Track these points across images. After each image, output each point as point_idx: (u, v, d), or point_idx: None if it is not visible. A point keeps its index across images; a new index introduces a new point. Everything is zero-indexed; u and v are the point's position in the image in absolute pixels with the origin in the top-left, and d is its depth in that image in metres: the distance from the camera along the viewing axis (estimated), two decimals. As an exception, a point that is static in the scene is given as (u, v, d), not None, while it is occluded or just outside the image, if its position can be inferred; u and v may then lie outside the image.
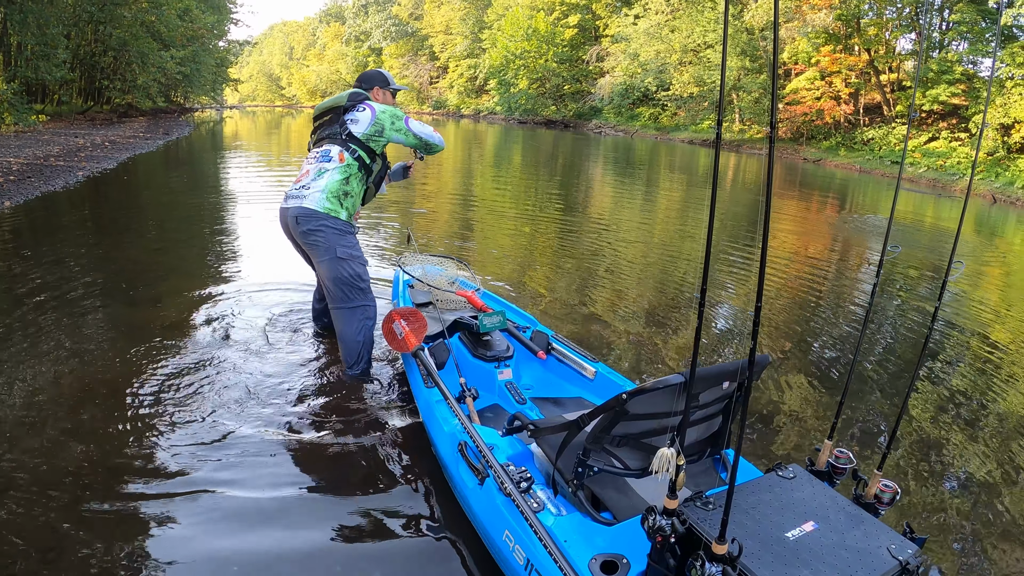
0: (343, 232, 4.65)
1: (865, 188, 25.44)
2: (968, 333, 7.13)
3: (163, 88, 38.25)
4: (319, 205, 4.56)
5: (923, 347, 2.82)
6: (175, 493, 3.40)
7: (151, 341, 5.31)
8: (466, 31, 71.61)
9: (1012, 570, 3.26)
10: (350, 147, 4.67)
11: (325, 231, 4.57)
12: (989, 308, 8.47)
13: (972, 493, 3.98)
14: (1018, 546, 3.48)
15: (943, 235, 14.79)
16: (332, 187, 4.60)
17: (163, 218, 10.75)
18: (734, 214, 15.51)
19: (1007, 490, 4.02)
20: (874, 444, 4.41)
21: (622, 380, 4.08)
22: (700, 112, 46.66)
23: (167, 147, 21.57)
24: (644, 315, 7.05)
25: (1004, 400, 5.40)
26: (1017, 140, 25.98)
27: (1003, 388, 5.68)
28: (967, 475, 4.19)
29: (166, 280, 7.09)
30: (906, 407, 2.79)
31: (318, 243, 4.61)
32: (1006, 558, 3.35)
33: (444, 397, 3.70)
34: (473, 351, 4.43)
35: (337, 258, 4.61)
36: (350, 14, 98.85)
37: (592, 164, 27.43)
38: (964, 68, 32.53)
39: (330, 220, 4.58)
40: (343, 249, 4.62)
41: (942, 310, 2.64)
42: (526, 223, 12.39)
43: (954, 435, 4.71)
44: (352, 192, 4.69)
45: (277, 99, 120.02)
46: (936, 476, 4.14)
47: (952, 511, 3.75)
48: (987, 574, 3.24)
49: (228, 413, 4.25)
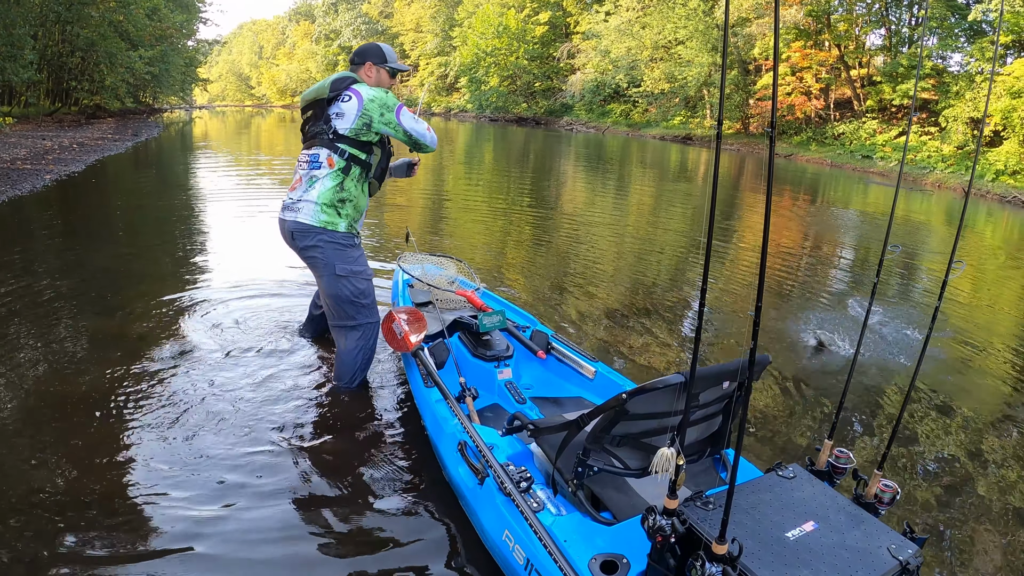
0: (343, 246, 4.34)
1: (836, 182, 25.75)
2: (967, 332, 7.16)
3: (132, 89, 37.68)
4: (314, 219, 4.25)
5: (923, 347, 2.82)
6: (158, 513, 3.28)
7: (124, 352, 5.08)
8: (436, 29, 71.52)
9: (1012, 570, 3.28)
10: (338, 148, 4.24)
11: (323, 247, 4.29)
12: (985, 306, 8.57)
13: (972, 493, 3.98)
14: (1019, 546, 3.49)
15: (917, 229, 15.03)
16: (325, 197, 4.26)
17: (133, 222, 10.55)
18: (706, 209, 15.54)
19: (1008, 490, 4.04)
20: (874, 444, 4.42)
21: (622, 380, 4.09)
22: (671, 108, 46.96)
23: (136, 149, 21.26)
24: (619, 305, 7.16)
25: (1004, 399, 5.44)
26: (987, 134, 26.30)
27: (1003, 387, 5.72)
28: (968, 475, 4.19)
29: (138, 287, 6.83)
30: (906, 407, 2.78)
31: (316, 260, 4.34)
32: (1006, 558, 3.37)
33: (444, 397, 3.70)
34: (473, 351, 4.42)
35: (336, 276, 4.33)
36: (320, 12, 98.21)
37: (564, 161, 27.46)
38: (934, 63, 32.94)
39: (327, 234, 4.28)
40: (342, 266, 4.33)
41: (942, 311, 2.63)
42: (499, 219, 12.46)
43: (955, 435, 4.73)
44: (349, 197, 4.32)
45: (247, 99, 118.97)
46: (936, 476, 4.15)
47: (952, 511, 3.76)
48: (987, 574, 3.25)
49: (214, 423, 4.13)
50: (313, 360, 5.15)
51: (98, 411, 4.20)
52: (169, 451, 3.79)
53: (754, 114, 41.09)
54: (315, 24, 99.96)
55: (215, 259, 8.12)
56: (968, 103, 27.65)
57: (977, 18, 27.83)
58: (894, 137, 32.39)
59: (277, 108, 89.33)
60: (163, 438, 3.92)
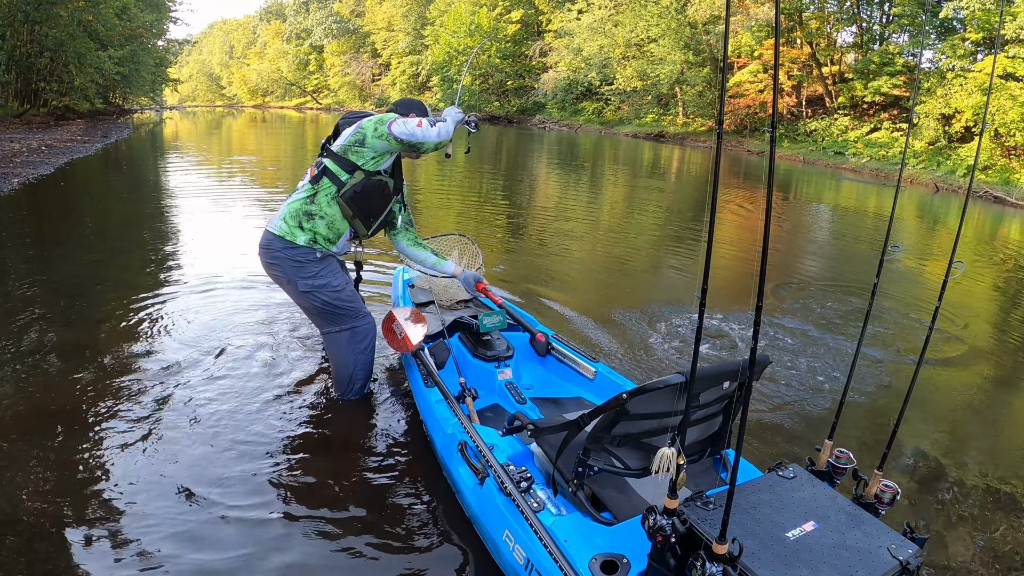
0: (299, 262, 4.16)
1: (809, 178, 26.05)
2: (967, 331, 7.20)
3: (101, 89, 37.15)
4: (276, 228, 4.17)
5: (924, 346, 2.84)
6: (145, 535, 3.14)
7: (94, 365, 4.86)
8: (408, 28, 71.27)
9: (1013, 570, 3.29)
10: (320, 162, 4.18)
11: (281, 263, 4.17)
12: (984, 304, 8.66)
13: (973, 493, 4.00)
14: (1020, 546, 3.51)
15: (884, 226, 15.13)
16: (294, 207, 4.16)
17: (102, 226, 10.23)
18: (678, 209, 15.76)
19: (1008, 489, 4.06)
20: (874, 444, 4.41)
21: (622, 380, 4.10)
22: (643, 106, 47.13)
23: (106, 150, 20.91)
24: (591, 295, 7.44)
25: (1004, 399, 5.49)
26: (958, 129, 26.65)
27: (1003, 387, 5.77)
28: (968, 475, 4.21)
29: (107, 294, 6.54)
30: (906, 407, 2.79)
31: (278, 277, 4.25)
32: (1007, 557, 3.39)
33: (444, 397, 3.70)
34: (473, 351, 4.43)
35: (299, 292, 4.22)
36: (291, 11, 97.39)
37: (537, 159, 27.56)
38: (905, 60, 33.34)
39: (285, 249, 4.14)
40: (304, 281, 4.18)
41: (941, 310, 2.64)
42: (471, 216, 12.46)
43: (955, 435, 4.76)
44: (318, 212, 4.14)
45: (218, 99, 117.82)
46: (937, 476, 4.17)
47: (953, 511, 3.77)
48: (987, 573, 3.26)
49: (200, 430, 4.07)
50: (301, 360, 5.12)
51: (69, 428, 3.99)
52: (148, 467, 3.67)
53: (726, 111, 41.30)
54: (286, 23, 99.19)
55: (187, 264, 7.91)
56: (939, 99, 27.97)
57: (948, 15, 28.15)
58: (866, 133, 32.79)
59: (248, 108, 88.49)
60: (142, 452, 3.80)
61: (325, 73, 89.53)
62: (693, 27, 41.74)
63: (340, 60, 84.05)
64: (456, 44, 57.96)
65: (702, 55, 42.26)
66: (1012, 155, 24.80)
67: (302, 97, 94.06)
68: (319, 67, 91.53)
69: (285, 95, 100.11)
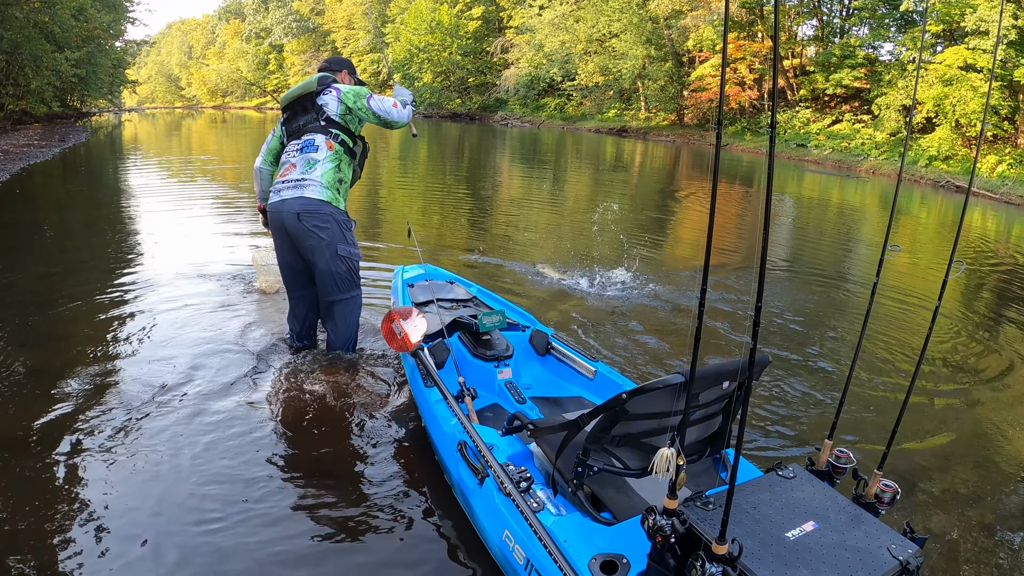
0: (345, 227, 4.74)
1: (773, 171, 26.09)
2: (965, 331, 7.23)
3: (58, 92, 36.34)
4: (322, 195, 4.61)
5: (924, 346, 2.86)
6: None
7: (56, 388, 4.48)
8: (368, 25, 71.09)
9: (1013, 569, 3.31)
10: (332, 132, 4.68)
11: (330, 227, 4.63)
12: (981, 302, 8.73)
13: (973, 492, 4.02)
14: (1020, 545, 3.53)
15: (848, 217, 15.37)
16: (327, 178, 4.65)
17: (60, 235, 9.71)
18: (643, 199, 15.95)
19: (1008, 489, 4.08)
20: (874, 444, 4.41)
21: (622, 380, 4.11)
22: (606, 101, 47.39)
23: (64, 155, 20.34)
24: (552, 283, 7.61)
25: (1005, 398, 5.50)
26: (919, 120, 27.02)
27: (1003, 386, 5.77)
28: (968, 474, 4.23)
29: (67, 309, 6.14)
30: (906, 406, 2.80)
31: (321, 239, 4.63)
32: (1007, 558, 3.40)
33: (443, 397, 3.69)
34: (473, 351, 4.43)
35: (337, 256, 4.69)
36: (250, 11, 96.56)
37: (500, 155, 27.66)
38: (866, 52, 33.81)
39: (336, 212, 4.66)
40: (344, 247, 4.71)
41: (941, 310, 2.65)
42: (434, 212, 12.50)
43: (955, 434, 4.76)
44: (345, 179, 4.77)
45: (177, 100, 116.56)
46: (937, 476, 4.17)
47: (953, 510, 3.78)
48: (987, 573, 3.28)
49: (188, 441, 3.95)
50: (285, 359, 5.09)
51: (33, 463, 3.66)
52: (128, 485, 3.50)
53: (688, 105, 41.65)
54: (245, 22, 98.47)
55: (150, 272, 7.49)
56: (900, 91, 28.38)
57: (909, 8, 28.53)
58: (828, 125, 33.25)
59: (208, 109, 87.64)
60: (125, 468, 3.63)
61: (285, 72, 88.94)
62: (655, 22, 42.01)
63: (300, 59, 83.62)
64: (417, 41, 57.77)
65: (664, 50, 42.53)
66: (973, 145, 25.19)
67: (262, 97, 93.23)
68: (279, 66, 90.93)
69: (245, 95, 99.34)
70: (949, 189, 23.07)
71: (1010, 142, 25.27)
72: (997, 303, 8.80)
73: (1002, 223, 16.89)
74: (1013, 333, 7.32)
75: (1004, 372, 6.11)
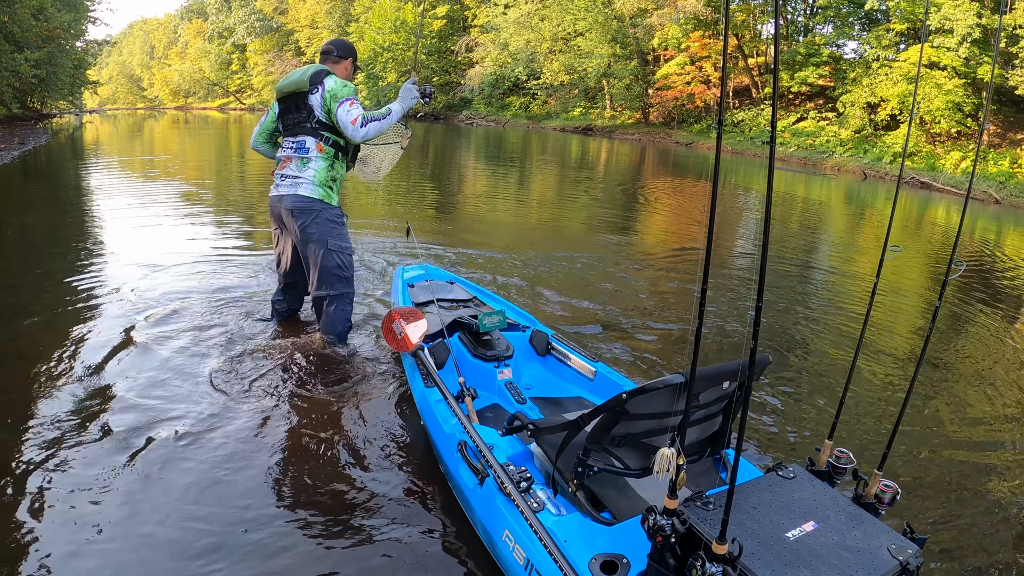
0: (336, 223, 4.94)
1: (738, 168, 26.60)
2: (965, 330, 7.30)
3: (18, 94, 35.85)
4: (313, 192, 4.82)
5: (924, 346, 2.88)
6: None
7: (16, 414, 4.10)
8: (332, 24, 70.12)
9: (1013, 569, 3.33)
10: (323, 135, 4.81)
11: (321, 223, 4.85)
12: (981, 303, 8.74)
13: (973, 492, 4.03)
14: (1020, 545, 3.55)
15: (815, 214, 15.55)
16: (320, 177, 4.84)
17: (16, 244, 8.81)
18: (610, 197, 16.04)
19: (1008, 488, 4.10)
20: (874, 444, 4.43)
21: (622, 380, 4.12)
22: (571, 100, 47.49)
23: (23, 158, 19.64)
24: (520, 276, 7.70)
25: (1005, 398, 5.53)
26: (884, 117, 27.39)
27: (1002, 385, 5.81)
28: (968, 474, 4.24)
29: (23, 326, 5.62)
30: (907, 406, 2.81)
31: (311, 234, 4.85)
32: (1007, 558, 3.42)
33: (444, 397, 3.68)
34: (473, 351, 4.44)
35: (328, 250, 4.88)
36: (212, 10, 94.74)
37: (465, 155, 27.60)
38: (831, 51, 34.20)
39: (326, 209, 4.87)
40: (334, 241, 4.91)
41: (942, 310, 2.67)
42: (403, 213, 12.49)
43: (955, 434, 4.79)
44: (338, 177, 4.97)
45: (139, 101, 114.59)
46: (937, 476, 4.18)
47: (953, 511, 3.80)
48: (987, 573, 3.30)
49: (185, 452, 3.83)
50: (272, 360, 5.00)
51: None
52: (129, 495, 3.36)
53: (654, 104, 41.88)
54: (208, 22, 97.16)
55: (113, 280, 6.99)
56: (865, 89, 28.72)
57: (874, 7, 28.90)
58: (793, 123, 33.60)
59: (170, 110, 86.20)
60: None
61: (248, 72, 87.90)
62: (620, 20, 42.12)
63: (263, 59, 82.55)
64: (381, 40, 57.38)
65: (629, 48, 42.69)
66: (937, 142, 25.55)
67: (225, 98, 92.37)
68: (242, 66, 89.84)
69: (208, 96, 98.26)
70: (914, 185, 23.41)
71: (973, 139, 25.63)
72: (991, 301, 8.86)
73: (968, 219, 17.07)
74: (1005, 330, 7.44)
75: (1004, 372, 6.15)
